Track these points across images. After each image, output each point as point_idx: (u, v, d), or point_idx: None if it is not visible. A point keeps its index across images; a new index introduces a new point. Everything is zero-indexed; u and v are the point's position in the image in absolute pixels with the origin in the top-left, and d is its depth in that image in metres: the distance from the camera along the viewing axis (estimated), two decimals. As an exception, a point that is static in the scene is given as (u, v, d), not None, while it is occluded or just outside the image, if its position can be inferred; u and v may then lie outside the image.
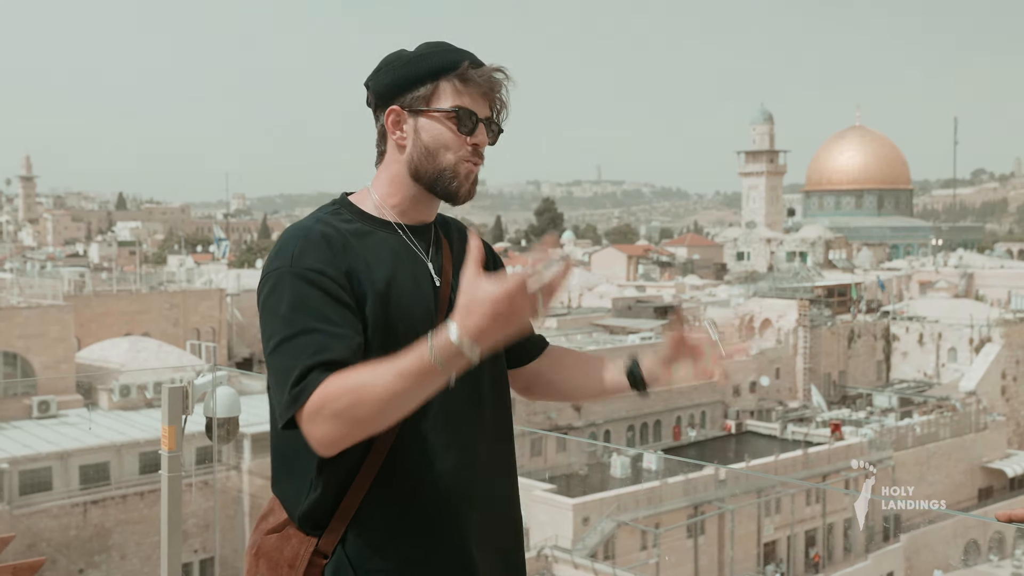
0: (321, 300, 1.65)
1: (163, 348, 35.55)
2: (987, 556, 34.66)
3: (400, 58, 1.80)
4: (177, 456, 3.37)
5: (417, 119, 1.78)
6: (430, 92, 1.77)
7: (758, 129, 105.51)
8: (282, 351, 1.61)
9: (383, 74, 1.80)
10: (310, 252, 1.69)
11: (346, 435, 1.57)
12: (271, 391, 1.67)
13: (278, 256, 1.70)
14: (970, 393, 47.61)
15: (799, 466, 36.03)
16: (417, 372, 1.52)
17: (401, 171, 1.82)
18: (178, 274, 56.72)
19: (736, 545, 32.80)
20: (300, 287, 1.65)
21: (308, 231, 1.73)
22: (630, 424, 44.69)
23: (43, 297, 36.43)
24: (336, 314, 1.64)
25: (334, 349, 1.60)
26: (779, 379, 51.37)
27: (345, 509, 1.73)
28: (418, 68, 1.77)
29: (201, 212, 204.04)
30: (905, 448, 40.26)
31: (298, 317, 1.62)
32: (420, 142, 1.78)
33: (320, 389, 1.56)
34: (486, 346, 1.52)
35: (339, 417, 1.54)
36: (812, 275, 66.94)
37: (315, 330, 1.61)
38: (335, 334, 1.62)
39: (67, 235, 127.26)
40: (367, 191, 1.85)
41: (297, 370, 1.58)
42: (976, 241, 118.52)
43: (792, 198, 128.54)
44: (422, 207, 1.84)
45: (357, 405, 1.53)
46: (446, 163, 1.78)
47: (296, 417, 1.58)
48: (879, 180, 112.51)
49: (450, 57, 1.78)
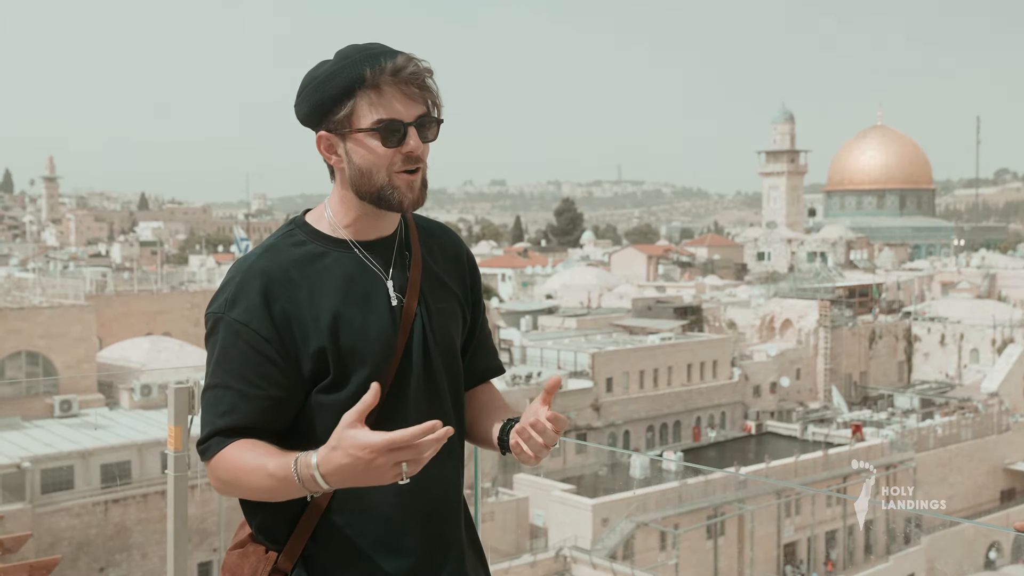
0: (242, 356, 1.70)
1: (184, 348, 35.70)
2: (1010, 559, 34.39)
3: (314, 79, 1.72)
4: (183, 456, 3.38)
5: (345, 142, 1.73)
6: (350, 111, 1.71)
7: (779, 129, 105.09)
8: (205, 398, 1.73)
9: (301, 101, 1.74)
10: (242, 299, 1.71)
11: (227, 492, 1.73)
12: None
13: (217, 297, 1.75)
14: (992, 394, 47.27)
15: (819, 467, 35.86)
16: (282, 479, 1.62)
17: (347, 192, 1.78)
18: (199, 274, 56.96)
19: (756, 546, 32.67)
20: (227, 338, 1.71)
21: (247, 271, 1.74)
22: (649, 425, 44.60)
23: (65, 297, 36.65)
24: (255, 372, 1.70)
25: (241, 411, 1.70)
26: (799, 380, 51.15)
27: (303, 526, 1.75)
28: (330, 90, 1.70)
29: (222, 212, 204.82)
30: (927, 449, 40.01)
31: (220, 370, 1.72)
32: (354, 165, 1.74)
33: (215, 458, 1.70)
34: (336, 483, 1.58)
35: (225, 485, 1.72)
36: (833, 275, 66.70)
37: (230, 387, 1.70)
38: (247, 394, 1.69)
39: (89, 235, 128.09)
40: (323, 209, 1.83)
41: (205, 429, 1.72)
42: (999, 241, 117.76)
43: (813, 198, 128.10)
44: (378, 222, 1.81)
45: (236, 485, 1.70)
46: (381, 182, 1.73)
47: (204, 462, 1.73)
48: (901, 180, 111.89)
49: (357, 70, 1.69)
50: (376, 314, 1.75)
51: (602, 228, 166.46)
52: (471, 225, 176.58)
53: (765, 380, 49.48)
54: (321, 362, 1.71)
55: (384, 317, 1.76)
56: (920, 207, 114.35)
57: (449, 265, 1.92)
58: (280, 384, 1.71)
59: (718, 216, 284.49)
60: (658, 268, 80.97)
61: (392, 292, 1.78)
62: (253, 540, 1.81)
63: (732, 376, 47.96)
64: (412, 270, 1.83)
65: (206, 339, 1.75)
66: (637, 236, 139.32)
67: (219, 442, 1.70)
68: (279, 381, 1.70)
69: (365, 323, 1.74)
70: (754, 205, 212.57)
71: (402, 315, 1.78)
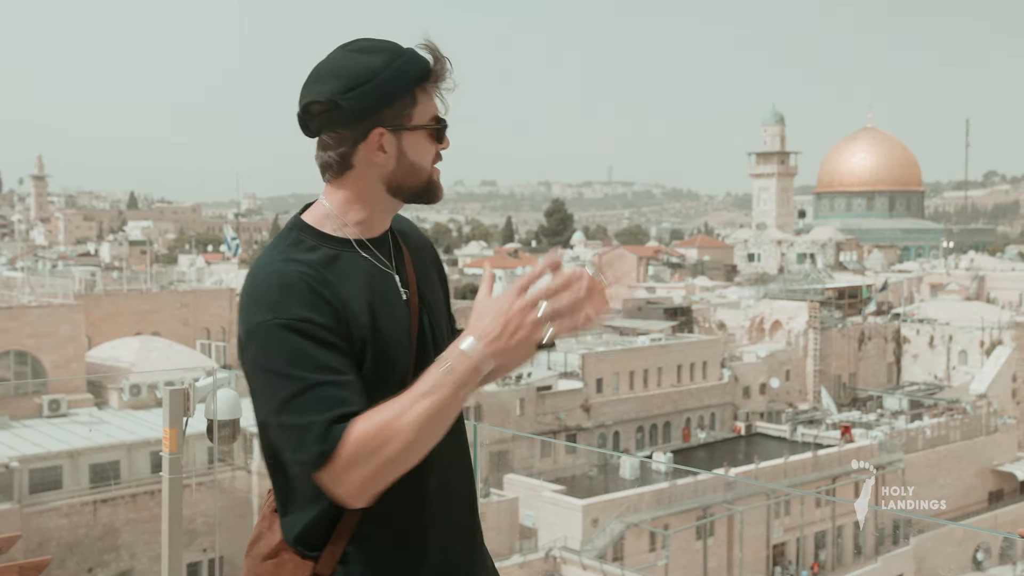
0: (318, 350, 1.60)
1: (173, 348, 35.63)
2: (998, 561, 34.54)
3: (372, 72, 1.70)
4: (178, 458, 3.37)
5: (401, 137, 1.73)
6: (410, 107, 1.72)
7: (769, 130, 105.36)
8: (292, 410, 1.57)
9: (361, 95, 1.70)
10: (292, 299, 1.63)
11: (378, 479, 1.56)
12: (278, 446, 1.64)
13: (258, 308, 1.63)
14: (981, 396, 47.48)
15: (809, 468, 35.97)
16: (434, 390, 1.55)
17: (374, 187, 1.76)
18: (189, 274, 56.89)
19: (745, 547, 32.76)
20: (293, 340, 1.60)
21: (282, 275, 1.65)
22: (639, 425, 44.66)
23: (54, 296, 36.54)
24: (336, 361, 1.61)
25: (347, 400, 1.58)
26: (789, 381, 51.28)
27: (342, 529, 1.72)
28: (400, 84, 1.70)
29: (212, 212, 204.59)
30: (915, 451, 40.16)
31: (299, 373, 1.58)
32: (406, 161, 1.74)
33: (346, 442, 1.54)
34: (494, 355, 1.56)
35: (370, 462, 1.54)
36: (823, 277, 66.84)
37: (322, 383, 1.58)
38: (342, 383, 1.59)
39: (78, 234, 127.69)
40: (322, 208, 1.79)
41: (316, 427, 1.55)
42: (988, 243, 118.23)
43: (803, 200, 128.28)
44: (385, 219, 1.82)
45: (386, 444, 1.54)
46: (427, 176, 1.76)
47: (324, 474, 1.56)
48: (890, 182, 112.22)
49: (421, 64, 1.72)
50: (397, 308, 1.76)
51: (592, 229, 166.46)
52: (461, 225, 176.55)
53: (755, 381, 49.60)
54: (362, 355, 1.69)
55: (403, 311, 1.77)
56: (909, 209, 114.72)
57: (427, 259, 1.94)
58: (354, 368, 1.65)
59: (708, 217, 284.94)
60: (648, 269, 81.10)
61: (400, 287, 1.79)
62: (287, 548, 1.75)
63: (722, 377, 48.06)
64: (407, 265, 1.84)
65: (255, 357, 1.62)
66: (627, 237, 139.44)
67: (340, 429, 1.55)
68: (353, 366, 1.65)
69: (393, 317, 1.74)
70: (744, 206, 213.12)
71: (410, 309, 1.79)
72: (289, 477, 1.73)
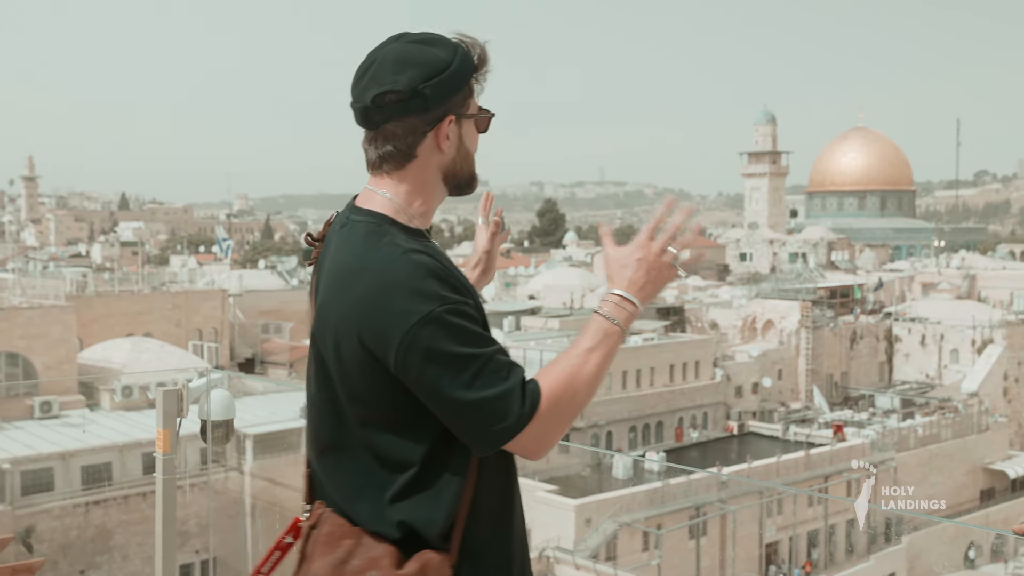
0: (477, 326, 1.70)
1: (165, 349, 35.56)
2: (989, 559, 34.63)
3: (446, 62, 1.75)
4: (171, 459, 3.37)
5: (461, 125, 1.80)
6: (469, 96, 1.80)
7: (761, 130, 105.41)
8: (481, 385, 1.64)
9: (444, 84, 1.75)
10: (440, 285, 1.68)
11: (563, 430, 1.71)
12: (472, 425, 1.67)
13: (413, 302, 1.65)
14: (972, 394, 47.60)
15: (801, 467, 36.03)
16: (603, 339, 1.73)
17: (435, 176, 1.82)
18: (180, 275, 56.73)
19: (738, 546, 32.79)
20: (457, 322, 1.66)
21: (419, 265, 1.68)
22: (632, 425, 44.68)
23: (45, 297, 36.46)
24: (489, 333, 1.72)
25: (515, 362, 1.70)
26: (781, 380, 51.36)
27: (460, 514, 1.74)
28: (465, 74, 1.77)
29: (204, 212, 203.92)
30: (907, 449, 40.25)
31: (475, 349, 1.66)
32: (464, 148, 1.82)
33: (544, 397, 1.67)
34: (646, 296, 1.80)
35: (563, 416, 1.69)
36: (815, 276, 66.96)
37: (494, 353, 1.67)
38: (503, 349, 1.70)
39: (70, 235, 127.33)
40: (386, 200, 1.81)
41: (515, 393, 1.65)
42: (979, 242, 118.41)
43: (795, 199, 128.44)
44: (437, 208, 1.89)
45: (575, 397, 1.69)
46: (473, 164, 1.86)
47: (524, 434, 1.66)
48: (882, 181, 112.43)
49: (473, 55, 1.79)
50: (472, 287, 1.80)
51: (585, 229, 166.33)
52: (453, 225, 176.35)
53: (747, 380, 49.67)
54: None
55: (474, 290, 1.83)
56: (901, 208, 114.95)
57: None
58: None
59: (700, 217, 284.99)
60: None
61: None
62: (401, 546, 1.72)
63: (714, 376, 48.11)
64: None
65: (427, 346, 1.64)
66: (620, 238, 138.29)
67: (534, 385, 1.68)
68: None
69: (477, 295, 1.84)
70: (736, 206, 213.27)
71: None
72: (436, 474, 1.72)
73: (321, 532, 1.76)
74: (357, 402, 1.74)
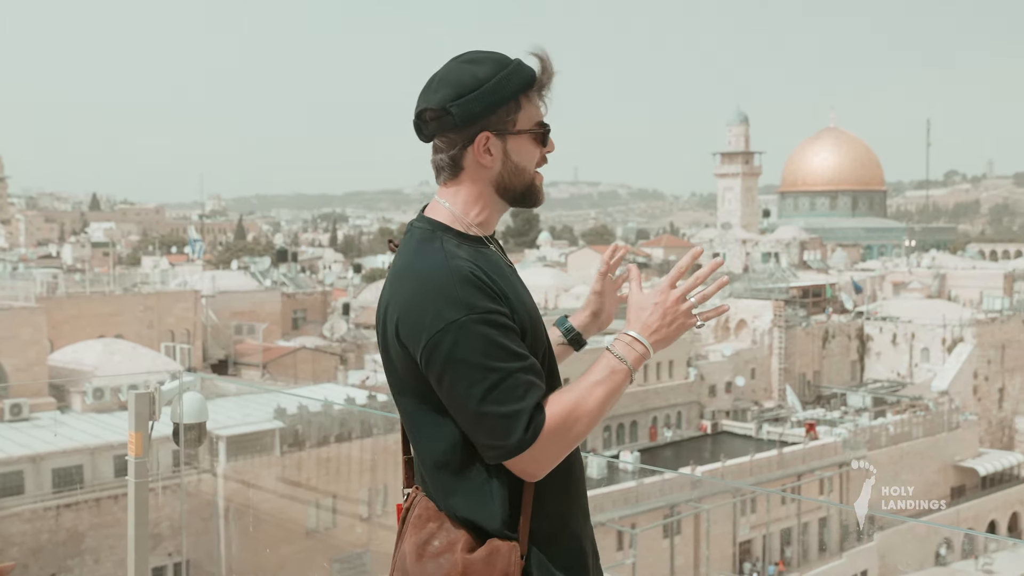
0: (507, 338, 1.75)
1: (137, 350, 35.28)
2: (960, 556, 34.94)
3: (482, 82, 1.83)
4: (144, 462, 3.36)
5: (506, 140, 1.86)
6: (516, 113, 1.86)
7: (734, 130, 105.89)
8: (495, 400, 1.71)
9: (469, 102, 1.82)
10: (476, 294, 1.74)
11: (561, 455, 1.79)
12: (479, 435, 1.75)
13: (446, 307, 1.73)
14: (943, 393, 48.00)
15: (774, 466, 36.23)
16: (609, 377, 1.81)
17: (487, 189, 1.90)
18: (152, 276, 56.23)
19: (712, 545, 32.92)
20: (486, 332, 1.72)
21: (459, 272, 1.76)
22: (606, 425, 44.76)
23: (15, 299, 36.08)
24: (521, 346, 1.77)
25: (536, 383, 1.76)
26: (754, 379, 51.61)
27: (526, 502, 1.81)
28: (505, 92, 1.84)
29: (176, 213, 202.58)
30: (879, 447, 40.54)
31: (497, 363, 1.72)
32: (511, 163, 1.88)
33: (546, 425, 1.73)
34: (658, 341, 1.87)
35: (561, 442, 1.76)
36: (787, 276, 67.29)
37: (517, 371, 1.73)
38: (529, 366, 1.76)
39: (40, 236, 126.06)
40: (445, 210, 1.90)
41: (523, 415, 1.72)
42: (949, 242, 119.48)
43: (767, 199, 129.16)
44: (498, 218, 1.95)
45: (574, 426, 1.76)
46: (530, 178, 1.91)
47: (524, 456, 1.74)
48: (853, 181, 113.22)
49: (527, 73, 1.86)
50: (529, 296, 1.89)
51: (559, 229, 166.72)
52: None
53: (720, 380, 49.88)
54: (524, 338, 1.82)
55: (532, 299, 1.91)
56: (872, 208, 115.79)
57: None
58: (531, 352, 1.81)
59: (674, 217, 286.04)
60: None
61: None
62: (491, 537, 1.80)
63: (688, 376, 48.28)
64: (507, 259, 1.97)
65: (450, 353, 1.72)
66: (593, 237, 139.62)
67: (539, 413, 1.74)
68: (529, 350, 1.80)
69: (531, 304, 1.88)
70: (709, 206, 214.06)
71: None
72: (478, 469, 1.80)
73: (413, 514, 1.89)
74: (402, 396, 1.87)
